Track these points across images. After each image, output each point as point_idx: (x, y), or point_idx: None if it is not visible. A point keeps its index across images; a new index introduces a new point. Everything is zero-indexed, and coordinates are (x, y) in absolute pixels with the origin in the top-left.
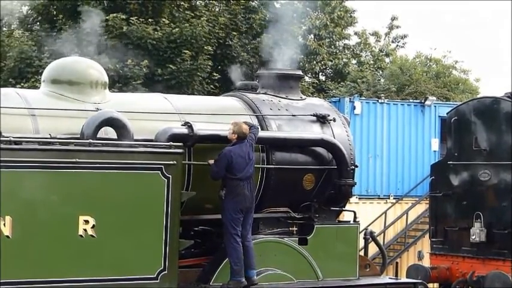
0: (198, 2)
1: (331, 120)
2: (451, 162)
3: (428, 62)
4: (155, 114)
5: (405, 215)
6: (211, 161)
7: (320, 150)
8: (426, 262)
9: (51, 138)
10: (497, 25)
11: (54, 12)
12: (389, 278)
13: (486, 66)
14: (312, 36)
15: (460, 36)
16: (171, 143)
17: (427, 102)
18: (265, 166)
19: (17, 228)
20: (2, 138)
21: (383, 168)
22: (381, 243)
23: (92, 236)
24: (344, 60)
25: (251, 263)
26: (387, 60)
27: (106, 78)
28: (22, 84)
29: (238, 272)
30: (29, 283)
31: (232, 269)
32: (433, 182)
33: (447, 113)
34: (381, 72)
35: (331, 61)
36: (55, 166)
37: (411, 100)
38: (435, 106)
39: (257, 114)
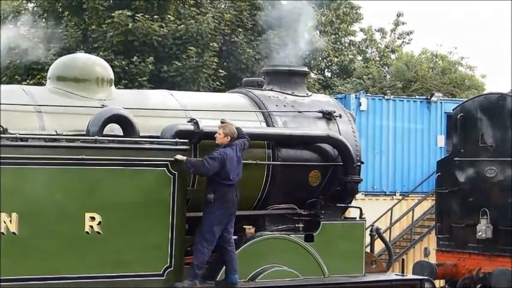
0: None
1: (337, 116)
2: (457, 158)
3: (434, 58)
4: (161, 111)
5: (411, 211)
6: (180, 157)
7: (326, 146)
8: (432, 259)
9: (57, 135)
10: (499, 25)
11: (60, 9)
12: (396, 274)
13: (491, 65)
14: (318, 32)
15: (465, 36)
16: (177, 140)
17: (433, 99)
18: (271, 163)
19: (23, 225)
20: (8, 135)
21: (389, 165)
22: (387, 239)
23: (98, 232)
24: (350, 56)
25: (235, 267)
26: (393, 56)
27: (112, 75)
28: (28, 81)
29: (196, 276)
30: (35, 279)
31: (193, 271)
32: (439, 178)
33: (453, 110)
34: (386, 68)
35: (337, 57)
36: (61, 163)
37: (417, 96)
38: (441, 102)
39: (263, 110)
